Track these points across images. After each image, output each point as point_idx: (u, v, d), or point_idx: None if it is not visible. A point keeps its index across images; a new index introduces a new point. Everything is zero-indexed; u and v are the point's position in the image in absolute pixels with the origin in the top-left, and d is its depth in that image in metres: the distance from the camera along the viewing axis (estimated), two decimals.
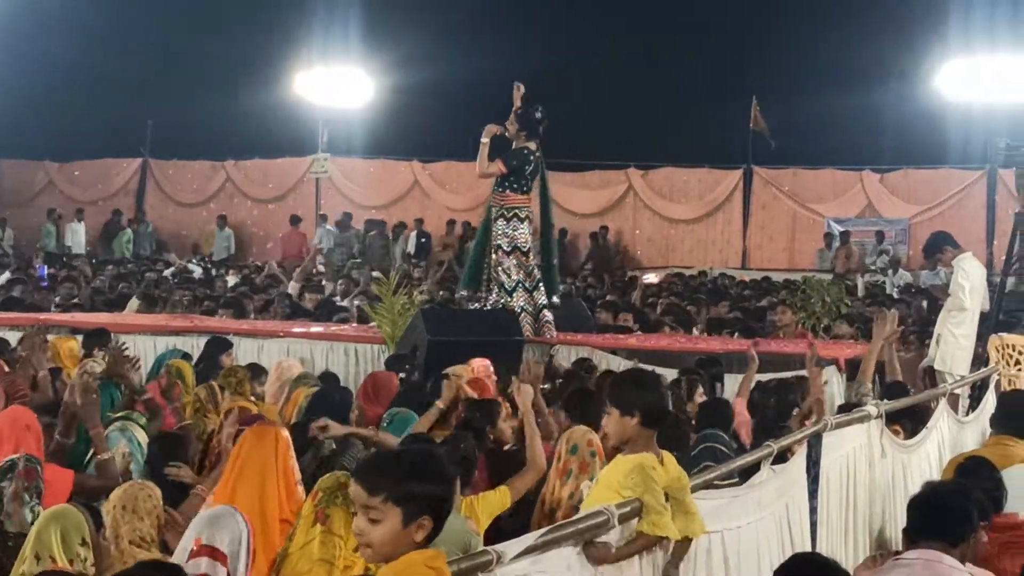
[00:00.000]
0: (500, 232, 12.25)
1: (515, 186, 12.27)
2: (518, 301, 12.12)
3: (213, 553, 4.24)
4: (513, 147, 12.31)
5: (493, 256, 12.27)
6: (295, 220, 28.82)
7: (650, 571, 4.60)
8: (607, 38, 29.38)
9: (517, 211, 12.24)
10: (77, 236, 29.51)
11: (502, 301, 12.13)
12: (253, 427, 5.70)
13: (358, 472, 3.68)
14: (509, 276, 12.19)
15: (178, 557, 4.35)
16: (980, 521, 5.38)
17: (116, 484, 5.69)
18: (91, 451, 6.62)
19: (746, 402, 8.59)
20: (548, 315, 12.36)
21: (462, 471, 5.76)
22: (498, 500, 6.10)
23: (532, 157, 12.23)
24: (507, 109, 12.51)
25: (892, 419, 7.63)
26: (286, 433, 5.64)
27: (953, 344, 11.27)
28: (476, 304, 12.50)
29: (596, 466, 6.00)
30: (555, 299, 12.65)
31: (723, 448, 6.84)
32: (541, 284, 12.40)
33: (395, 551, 3.50)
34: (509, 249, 12.17)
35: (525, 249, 12.23)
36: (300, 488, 5.48)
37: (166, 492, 5.40)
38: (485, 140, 12.27)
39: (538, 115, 12.31)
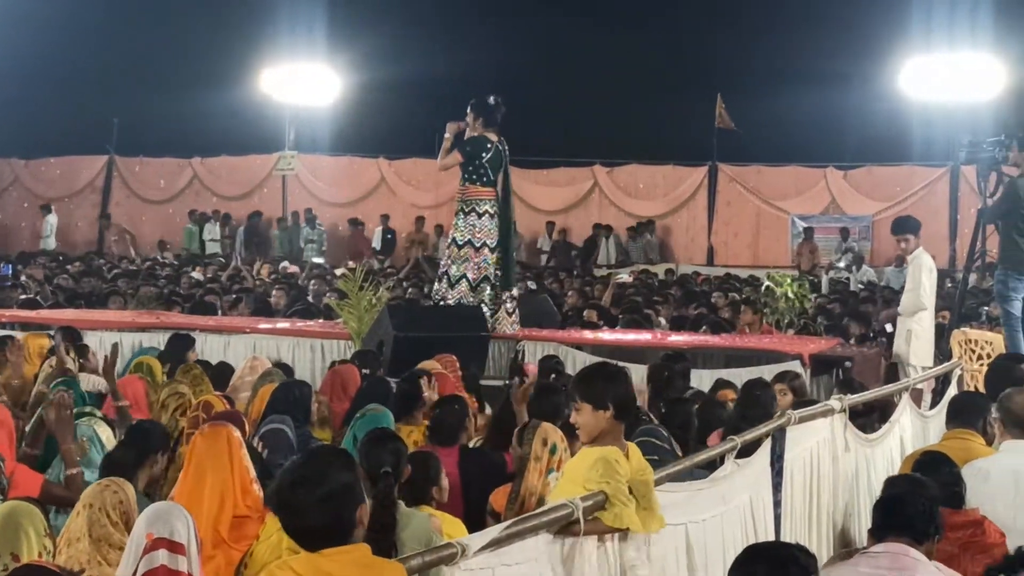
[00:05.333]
0: (459, 227, 12.24)
1: (474, 177, 12.22)
2: (458, 294, 12.11)
3: (172, 545, 4.24)
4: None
5: (447, 250, 12.24)
6: (356, 223, 28.95)
7: (614, 560, 4.63)
8: (572, 35, 29.42)
9: (476, 205, 12.17)
10: (213, 235, 29.60)
11: (449, 295, 12.09)
12: (204, 428, 5.67)
13: None
14: (457, 268, 12.17)
15: (129, 554, 4.32)
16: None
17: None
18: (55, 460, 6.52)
19: None
20: (510, 308, 12.35)
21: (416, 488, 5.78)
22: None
23: (490, 145, 12.16)
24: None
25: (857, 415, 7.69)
26: (237, 432, 5.61)
27: (913, 337, 11.31)
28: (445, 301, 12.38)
29: (567, 460, 6.04)
30: (513, 292, 12.60)
31: (657, 442, 6.71)
32: (495, 279, 12.37)
33: None
34: (462, 243, 12.14)
35: (478, 245, 12.16)
36: (256, 485, 5.48)
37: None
38: (448, 136, 12.31)
39: (491, 101, 12.25)
